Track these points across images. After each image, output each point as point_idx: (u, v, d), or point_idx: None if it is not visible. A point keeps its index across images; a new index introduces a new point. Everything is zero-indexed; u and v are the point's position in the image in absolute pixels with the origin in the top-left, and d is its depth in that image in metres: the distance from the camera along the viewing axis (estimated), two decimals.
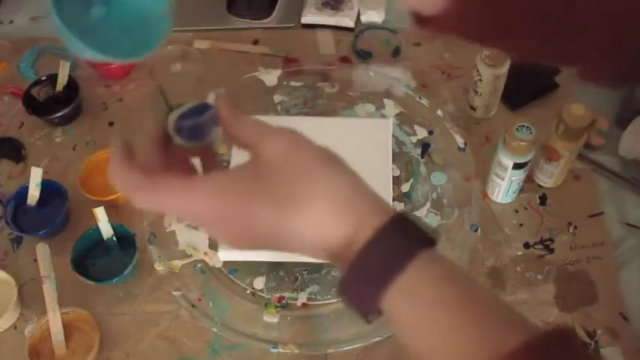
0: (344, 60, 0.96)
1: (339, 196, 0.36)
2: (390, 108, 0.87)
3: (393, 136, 0.83)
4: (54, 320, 0.69)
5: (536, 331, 0.33)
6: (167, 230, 0.77)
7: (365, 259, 0.35)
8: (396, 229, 0.35)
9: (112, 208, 0.78)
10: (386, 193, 0.77)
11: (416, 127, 0.85)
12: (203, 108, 0.40)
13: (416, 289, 0.34)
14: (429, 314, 0.34)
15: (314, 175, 0.36)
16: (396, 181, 0.80)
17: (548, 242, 0.75)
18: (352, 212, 0.36)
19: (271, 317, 0.71)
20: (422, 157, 0.83)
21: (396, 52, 0.96)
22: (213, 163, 0.43)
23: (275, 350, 0.67)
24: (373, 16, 1.00)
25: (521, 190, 0.79)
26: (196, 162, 0.43)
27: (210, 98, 0.41)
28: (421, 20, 0.47)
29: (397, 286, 0.34)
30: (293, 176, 0.36)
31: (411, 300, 0.34)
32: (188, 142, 0.40)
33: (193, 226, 0.77)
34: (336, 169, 0.37)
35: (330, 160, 0.38)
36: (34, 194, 0.80)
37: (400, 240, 0.35)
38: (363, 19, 1.00)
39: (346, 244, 0.35)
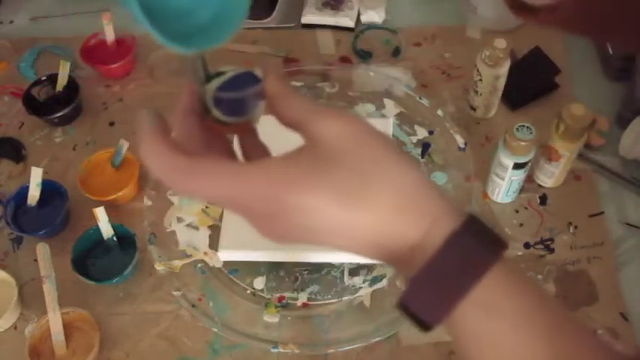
0: (344, 60, 0.96)
1: (406, 191, 0.32)
2: (390, 108, 0.87)
3: (393, 136, 0.83)
4: (54, 320, 0.69)
5: (621, 357, 0.30)
6: (167, 230, 0.77)
7: (437, 265, 0.31)
8: (470, 232, 0.31)
9: (112, 208, 0.78)
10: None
11: (416, 127, 0.85)
12: (246, 78, 0.36)
13: (493, 301, 0.31)
14: (506, 330, 0.31)
15: (382, 165, 0.32)
16: None
17: (549, 242, 0.76)
18: (424, 210, 0.32)
19: (271, 317, 0.71)
20: (422, 157, 0.83)
21: (396, 52, 0.96)
22: (253, 140, 0.38)
23: (275, 350, 0.67)
24: (373, 16, 1.00)
25: (522, 190, 0.79)
26: (233, 138, 0.38)
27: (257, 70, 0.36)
28: (523, 8, 0.44)
29: (472, 298, 0.30)
30: (357, 165, 0.31)
31: (486, 314, 0.31)
32: (228, 116, 0.36)
33: (194, 226, 0.77)
34: (405, 160, 0.33)
35: (397, 149, 0.33)
36: (34, 194, 0.80)
37: (475, 245, 0.31)
38: (363, 19, 1.00)
39: (413, 247, 0.32)
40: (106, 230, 0.76)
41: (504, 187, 0.76)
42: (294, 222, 0.32)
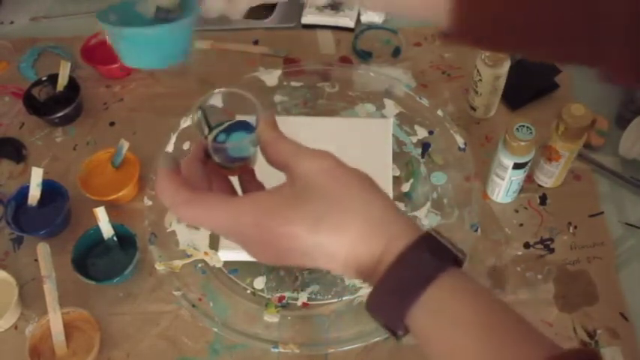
0: (344, 60, 0.96)
1: (372, 217, 0.37)
2: (390, 108, 0.87)
3: (393, 136, 0.83)
4: (54, 320, 0.70)
5: (559, 350, 0.33)
6: (167, 230, 0.77)
7: (391, 276, 0.36)
8: (422, 247, 0.36)
9: (112, 208, 0.78)
10: (386, 192, 0.77)
11: (416, 127, 0.85)
12: (241, 126, 0.42)
13: (438, 307, 0.35)
14: (450, 332, 0.35)
15: (349, 197, 0.38)
16: (396, 181, 0.80)
17: (549, 242, 0.76)
18: (383, 232, 0.37)
19: (272, 317, 0.71)
20: (422, 157, 0.83)
21: (396, 52, 0.96)
22: (251, 179, 0.45)
23: (275, 350, 0.67)
24: (373, 16, 1.00)
25: (522, 190, 0.79)
26: (234, 179, 0.45)
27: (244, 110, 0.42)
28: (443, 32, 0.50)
29: (421, 303, 0.35)
30: (329, 198, 0.37)
31: (433, 318, 0.35)
32: (225, 162, 0.43)
33: (194, 227, 0.77)
34: (369, 191, 0.39)
35: (364, 183, 0.39)
36: (34, 194, 0.80)
37: (425, 258, 0.36)
38: (363, 19, 1.01)
39: (376, 263, 0.37)
40: (107, 230, 0.76)
41: (504, 187, 0.76)
42: (280, 246, 0.37)
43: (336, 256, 0.37)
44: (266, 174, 0.43)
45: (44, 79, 0.92)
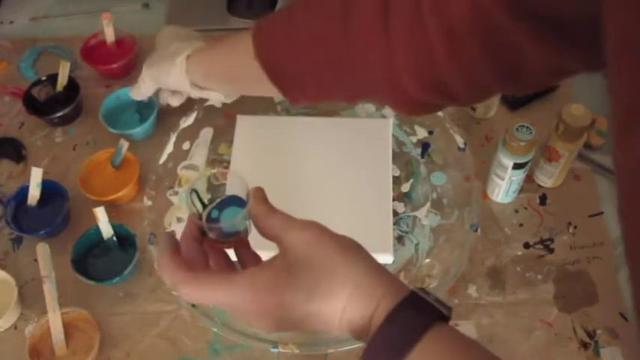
0: None
1: (360, 281, 0.40)
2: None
3: (393, 136, 0.83)
4: (54, 320, 0.70)
5: None
6: (167, 230, 0.77)
7: (380, 336, 0.38)
8: (409, 307, 0.39)
9: (112, 208, 0.78)
10: (386, 193, 0.77)
11: (416, 127, 0.85)
12: (233, 201, 0.45)
13: None
14: None
15: (337, 265, 0.41)
16: (396, 181, 0.80)
17: (548, 242, 0.76)
18: (371, 294, 0.40)
19: None
20: (422, 157, 0.83)
21: None
22: (246, 251, 0.48)
23: (275, 350, 0.67)
24: None
25: (521, 190, 0.79)
26: (230, 252, 0.48)
27: (234, 183, 0.46)
28: None
29: (411, 359, 0.37)
30: (319, 267, 0.41)
31: None
32: (220, 237, 0.46)
33: None
34: (356, 258, 0.42)
35: (350, 250, 0.42)
36: (34, 194, 0.80)
37: (412, 317, 0.38)
38: None
39: (367, 323, 0.40)
40: (106, 230, 0.76)
41: (504, 187, 0.76)
42: (278, 317, 0.41)
43: (331, 321, 0.41)
44: (261, 238, 0.46)
45: (44, 79, 0.92)
